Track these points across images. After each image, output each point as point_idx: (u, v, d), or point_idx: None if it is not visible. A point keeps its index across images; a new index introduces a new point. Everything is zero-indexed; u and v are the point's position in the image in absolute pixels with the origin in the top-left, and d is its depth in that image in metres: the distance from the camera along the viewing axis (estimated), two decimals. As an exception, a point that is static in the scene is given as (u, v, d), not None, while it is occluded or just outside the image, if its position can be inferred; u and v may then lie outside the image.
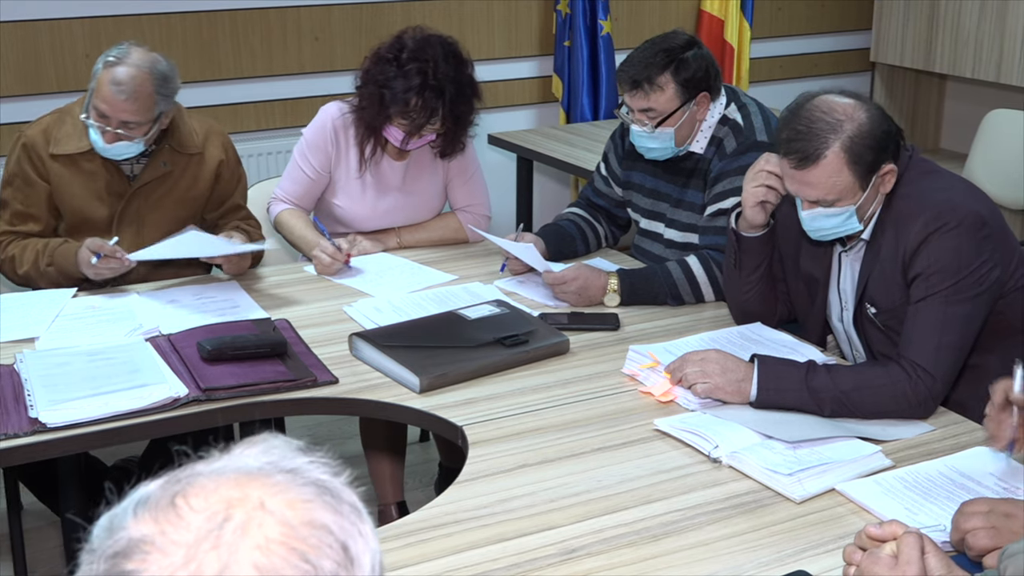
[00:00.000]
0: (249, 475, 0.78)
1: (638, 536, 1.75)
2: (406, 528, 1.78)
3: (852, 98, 2.14)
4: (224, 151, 2.95)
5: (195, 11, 4.28)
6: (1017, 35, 4.75)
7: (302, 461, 0.81)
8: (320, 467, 0.82)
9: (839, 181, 2.11)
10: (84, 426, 2.08)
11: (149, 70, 2.68)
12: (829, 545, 1.72)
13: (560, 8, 4.87)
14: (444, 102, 2.88)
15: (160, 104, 2.71)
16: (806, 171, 2.12)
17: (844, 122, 2.09)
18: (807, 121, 2.11)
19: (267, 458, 0.81)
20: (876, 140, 2.11)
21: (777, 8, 5.50)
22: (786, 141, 2.14)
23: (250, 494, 0.76)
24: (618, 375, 2.33)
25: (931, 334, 2.11)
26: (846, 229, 2.20)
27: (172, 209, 2.88)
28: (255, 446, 0.83)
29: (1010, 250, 2.23)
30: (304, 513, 0.76)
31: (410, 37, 2.92)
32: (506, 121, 4.80)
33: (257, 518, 0.75)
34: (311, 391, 2.25)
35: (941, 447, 2.02)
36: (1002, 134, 4.37)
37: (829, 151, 2.09)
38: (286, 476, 0.79)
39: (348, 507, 0.79)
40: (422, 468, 3.52)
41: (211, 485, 0.77)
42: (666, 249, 2.91)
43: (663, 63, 2.69)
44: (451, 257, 3.06)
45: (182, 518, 0.74)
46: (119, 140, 2.70)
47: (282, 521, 0.75)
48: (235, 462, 0.80)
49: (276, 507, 0.76)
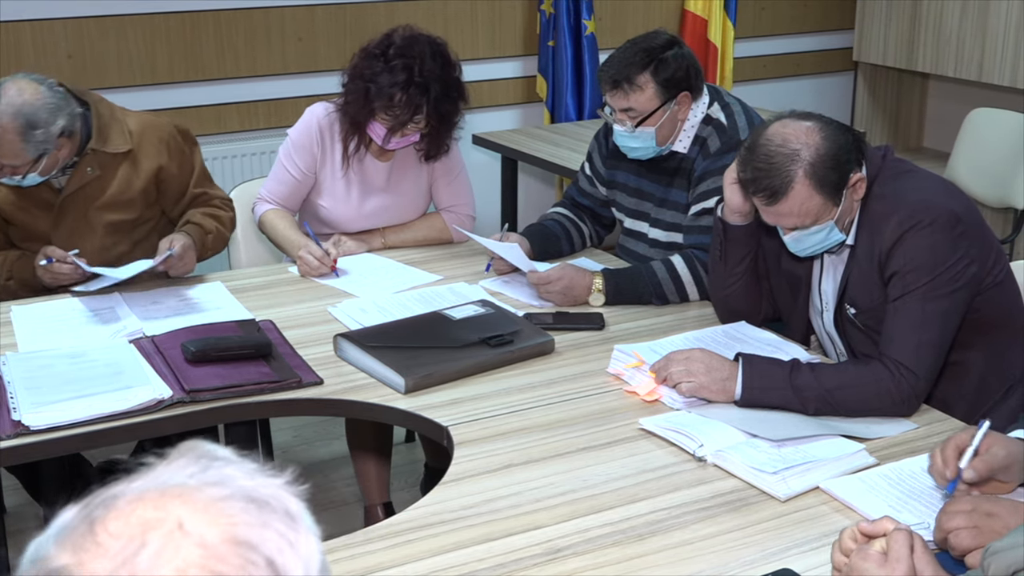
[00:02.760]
0: (171, 492, 0.75)
1: (623, 535, 1.75)
2: (392, 528, 1.78)
3: (803, 119, 2.16)
4: (166, 149, 2.84)
5: (179, 11, 4.26)
6: (999, 34, 4.78)
7: (230, 470, 0.78)
8: (251, 474, 0.78)
9: (811, 206, 2.14)
10: (67, 428, 2.07)
11: (12, 119, 2.53)
12: (814, 543, 1.72)
13: (544, 8, 4.87)
14: (428, 99, 2.87)
15: (32, 149, 2.57)
16: (777, 206, 2.15)
17: (801, 150, 2.11)
18: (765, 158, 2.13)
19: (192, 468, 0.78)
20: (836, 159, 2.12)
21: (760, 8, 5.52)
22: (751, 181, 2.17)
23: (169, 514, 0.73)
24: (603, 375, 2.33)
25: (911, 332, 2.13)
26: (831, 241, 2.23)
27: (107, 214, 2.81)
28: (183, 456, 0.80)
29: (988, 246, 2.24)
30: (225, 530, 0.73)
31: (399, 35, 2.92)
32: (490, 121, 4.81)
33: (174, 542, 0.72)
34: (296, 392, 2.25)
35: (924, 444, 2.03)
36: (984, 133, 4.39)
37: (794, 182, 2.11)
38: (210, 490, 0.76)
39: (279, 517, 0.76)
40: (408, 469, 3.52)
41: (129, 507, 0.74)
42: (650, 248, 2.91)
43: (643, 63, 2.70)
44: (436, 257, 3.06)
45: (100, 545, 0.72)
46: (4, 176, 2.63)
47: (200, 543, 0.72)
48: (160, 476, 0.77)
49: (195, 527, 0.73)
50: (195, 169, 2.95)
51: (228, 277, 2.92)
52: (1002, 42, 4.77)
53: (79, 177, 2.76)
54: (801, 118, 2.16)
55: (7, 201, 2.78)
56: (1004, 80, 4.79)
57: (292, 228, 3.04)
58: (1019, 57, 4.71)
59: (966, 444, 1.74)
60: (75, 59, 4.12)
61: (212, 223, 2.89)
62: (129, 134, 2.81)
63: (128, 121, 2.84)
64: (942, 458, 1.75)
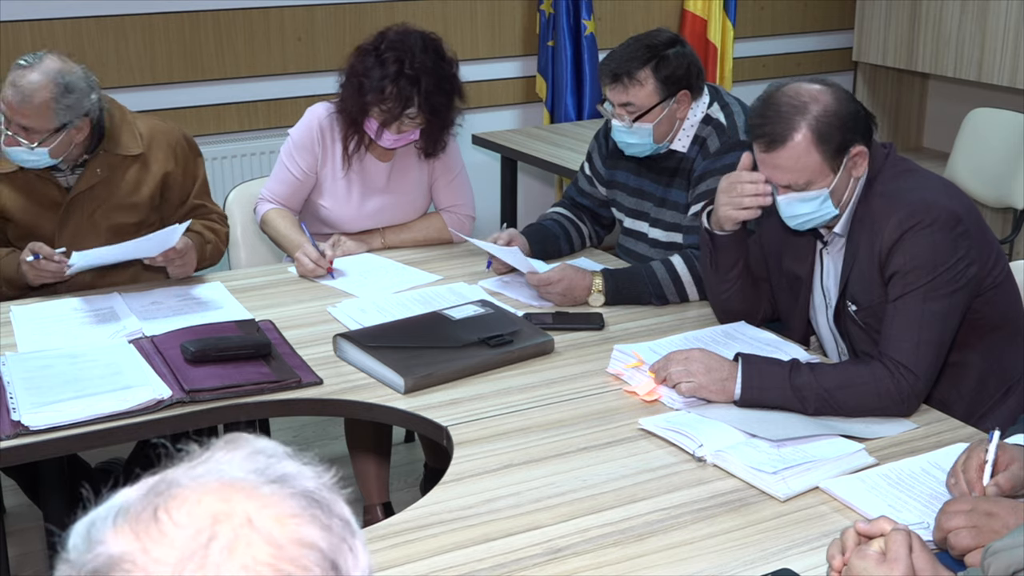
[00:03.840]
0: (234, 485, 0.75)
1: (623, 535, 1.75)
2: (392, 529, 1.78)
3: (820, 84, 2.19)
4: (173, 156, 2.87)
5: (178, 11, 4.27)
6: (998, 34, 4.78)
7: (290, 468, 0.78)
8: (309, 474, 0.78)
9: (809, 162, 2.15)
10: (67, 428, 2.07)
11: (52, 79, 2.60)
12: (814, 543, 1.72)
13: (544, 8, 4.87)
14: (419, 91, 2.87)
15: (60, 115, 2.61)
16: (775, 153, 2.17)
17: (809, 104, 2.14)
18: (775, 107, 2.16)
19: (253, 464, 0.77)
20: (842, 120, 2.14)
21: (760, 8, 5.52)
22: (756, 127, 2.20)
23: (236, 508, 0.73)
24: (603, 375, 2.33)
25: (910, 332, 2.13)
26: (822, 214, 2.22)
27: (113, 216, 2.83)
28: (239, 449, 0.79)
29: (988, 247, 2.24)
30: (292, 530, 0.73)
31: (393, 31, 2.94)
32: (490, 121, 4.81)
33: (244, 536, 0.71)
34: (296, 392, 2.25)
35: (924, 444, 2.03)
36: (984, 132, 4.39)
37: (796, 132, 2.14)
38: (273, 487, 0.75)
39: (338, 521, 0.76)
40: (407, 469, 3.52)
41: (194, 496, 0.73)
42: (650, 248, 2.92)
43: (644, 58, 2.71)
44: (436, 257, 3.06)
45: (165, 534, 0.71)
46: (15, 145, 2.63)
47: (269, 540, 0.72)
48: (218, 467, 0.76)
49: (263, 524, 0.72)
50: (198, 180, 2.97)
51: (228, 277, 2.92)
52: (1001, 42, 4.77)
53: (88, 177, 2.77)
54: (819, 83, 2.20)
55: (12, 200, 2.78)
56: (1003, 80, 4.80)
57: (293, 228, 3.04)
58: (1018, 57, 4.71)
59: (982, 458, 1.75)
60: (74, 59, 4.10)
61: (211, 235, 2.93)
62: (140, 137, 2.83)
63: (138, 124, 2.86)
64: (967, 479, 1.76)
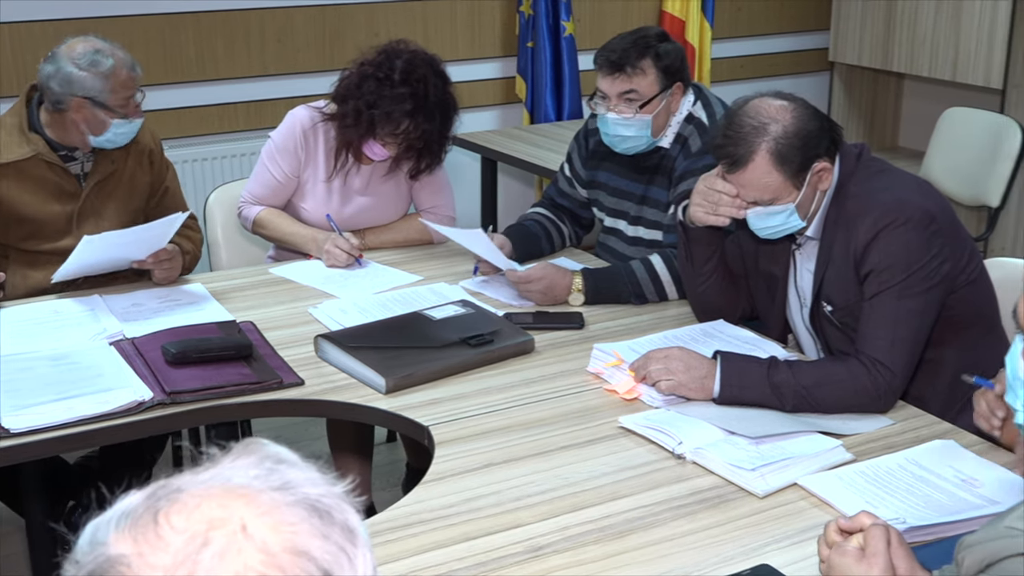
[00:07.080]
0: (236, 491, 0.75)
1: (604, 533, 1.77)
2: (373, 528, 1.78)
3: (784, 99, 2.20)
4: (152, 139, 2.99)
5: (157, 13, 4.25)
6: (972, 34, 4.82)
7: (296, 475, 0.78)
8: (315, 482, 0.78)
9: (770, 182, 2.18)
10: (48, 431, 2.06)
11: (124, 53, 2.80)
12: (792, 539, 1.74)
13: (523, 9, 4.88)
14: (435, 126, 2.92)
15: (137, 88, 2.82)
16: (737, 175, 2.21)
17: (769, 124, 2.15)
18: (736, 127, 2.18)
19: (257, 470, 0.78)
20: (804, 139, 2.16)
21: (737, 9, 5.55)
22: (718, 147, 2.23)
23: (233, 514, 0.73)
24: (583, 373, 2.35)
25: (886, 329, 2.15)
26: (789, 226, 2.25)
27: (126, 200, 2.91)
28: (250, 455, 0.79)
29: (962, 245, 2.27)
30: (287, 538, 0.73)
31: (402, 59, 2.91)
32: (470, 122, 4.79)
33: (237, 543, 0.72)
34: (277, 393, 2.25)
35: (901, 440, 2.05)
36: (959, 132, 4.43)
37: (755, 154, 2.16)
38: (274, 494, 0.76)
39: (339, 530, 0.76)
40: (389, 468, 3.52)
41: (194, 501, 0.74)
42: (629, 246, 2.93)
43: (644, 47, 2.74)
44: (416, 258, 3.07)
45: (161, 538, 0.72)
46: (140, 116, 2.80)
47: (262, 548, 0.72)
48: (224, 473, 0.77)
49: (258, 531, 0.73)
50: (170, 167, 3.05)
51: (208, 279, 2.92)
52: (976, 42, 4.81)
53: (104, 165, 2.85)
54: (781, 98, 2.20)
55: (26, 195, 2.77)
56: (978, 80, 4.84)
57: (295, 223, 3.06)
58: (992, 57, 4.75)
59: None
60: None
61: (189, 244, 2.95)
62: None
63: None
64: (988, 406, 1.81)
